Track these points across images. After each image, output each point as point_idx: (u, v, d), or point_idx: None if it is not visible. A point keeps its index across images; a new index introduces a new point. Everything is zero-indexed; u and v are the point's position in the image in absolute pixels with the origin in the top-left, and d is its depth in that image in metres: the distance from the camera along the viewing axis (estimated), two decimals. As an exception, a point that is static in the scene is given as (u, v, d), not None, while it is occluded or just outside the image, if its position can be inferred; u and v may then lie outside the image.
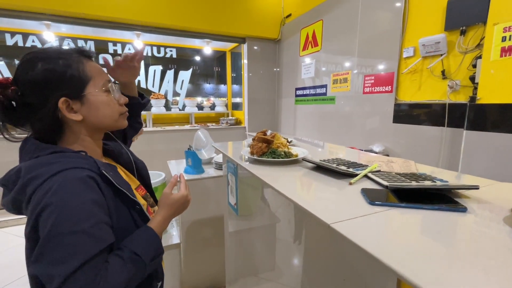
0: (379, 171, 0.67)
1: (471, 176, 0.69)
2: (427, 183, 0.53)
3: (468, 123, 1.49)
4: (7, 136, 0.54)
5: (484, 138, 1.41)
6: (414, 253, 0.33)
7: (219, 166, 1.87)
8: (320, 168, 0.74)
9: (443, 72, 1.80)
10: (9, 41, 3.37)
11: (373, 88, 2.42)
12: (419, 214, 0.44)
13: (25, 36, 3.42)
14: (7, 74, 3.36)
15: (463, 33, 1.67)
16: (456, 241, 0.37)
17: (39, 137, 0.54)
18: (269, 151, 0.81)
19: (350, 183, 0.59)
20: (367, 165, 0.70)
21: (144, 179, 0.76)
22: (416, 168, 0.70)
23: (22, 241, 0.49)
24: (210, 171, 1.80)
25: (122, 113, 0.62)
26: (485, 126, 1.42)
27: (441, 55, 1.79)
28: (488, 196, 0.52)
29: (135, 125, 0.86)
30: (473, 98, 1.48)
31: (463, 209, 0.45)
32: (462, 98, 1.73)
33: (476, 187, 0.49)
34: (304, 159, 0.76)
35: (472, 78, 1.62)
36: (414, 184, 0.53)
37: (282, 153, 0.80)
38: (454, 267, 0.31)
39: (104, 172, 0.52)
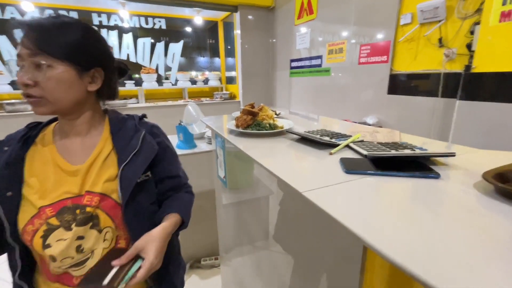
0: (362, 141, 0.67)
1: (457, 145, 0.69)
2: (406, 152, 0.53)
3: (462, 93, 1.47)
4: None
5: (476, 108, 1.40)
6: (382, 220, 0.34)
7: (211, 141, 1.87)
8: (304, 139, 0.74)
9: (440, 40, 1.74)
10: (-14, 13, 3.16)
11: (369, 58, 2.35)
12: (393, 181, 0.45)
13: (2, 7, 3.20)
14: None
15: (463, -4, 1.59)
16: (425, 205, 0.38)
17: None
18: (254, 123, 0.80)
19: (331, 153, 0.59)
20: (351, 136, 0.70)
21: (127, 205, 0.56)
22: (400, 138, 0.70)
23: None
24: (202, 146, 1.80)
25: (23, 94, 0.52)
26: (479, 95, 1.40)
27: (439, 21, 1.72)
28: (465, 163, 0.52)
29: None
30: (468, 67, 1.44)
31: (436, 176, 0.45)
32: (458, 67, 1.69)
33: (452, 154, 0.49)
34: (288, 131, 0.75)
35: (469, 46, 1.57)
36: (393, 152, 0.53)
37: (267, 125, 0.79)
38: (419, 230, 0.32)
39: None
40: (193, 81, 4.42)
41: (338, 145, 0.63)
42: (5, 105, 2.97)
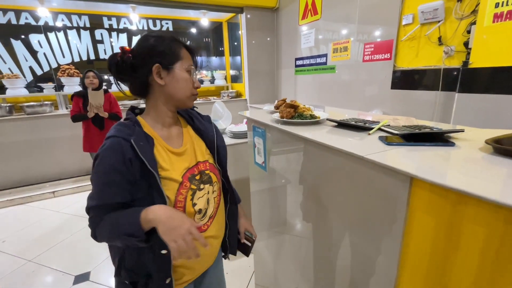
0: (389, 125, 0.84)
1: (463, 126, 0.87)
2: (426, 130, 0.71)
3: (460, 87, 1.65)
4: (119, 88, 0.75)
5: (474, 100, 1.58)
6: (422, 166, 0.52)
7: (232, 135, 2.04)
8: (340, 126, 0.91)
9: (439, 39, 1.93)
10: (2, 19, 3.28)
11: (372, 56, 2.53)
12: (422, 148, 0.63)
13: (18, 13, 3.32)
14: (4, 53, 3.32)
15: None
16: (447, 160, 0.56)
17: (133, 93, 0.75)
18: (296, 114, 0.97)
19: (369, 134, 0.76)
20: (379, 121, 0.88)
21: (221, 163, 0.85)
22: (417, 122, 0.88)
23: (47, 215, 0.71)
24: (226, 140, 1.97)
25: (193, 94, 0.74)
26: (476, 88, 1.58)
27: (439, 21, 1.90)
28: (471, 137, 0.70)
29: None
30: (465, 63, 1.62)
31: (452, 144, 0.63)
32: (456, 63, 1.87)
33: (462, 130, 0.67)
34: (328, 119, 0.93)
35: (466, 44, 1.75)
36: (417, 131, 0.71)
37: (308, 115, 0.96)
38: (447, 171, 0.49)
39: (133, 141, 0.64)
40: (200, 81, 4.57)
41: (371, 128, 0.81)
42: (25, 108, 3.09)
